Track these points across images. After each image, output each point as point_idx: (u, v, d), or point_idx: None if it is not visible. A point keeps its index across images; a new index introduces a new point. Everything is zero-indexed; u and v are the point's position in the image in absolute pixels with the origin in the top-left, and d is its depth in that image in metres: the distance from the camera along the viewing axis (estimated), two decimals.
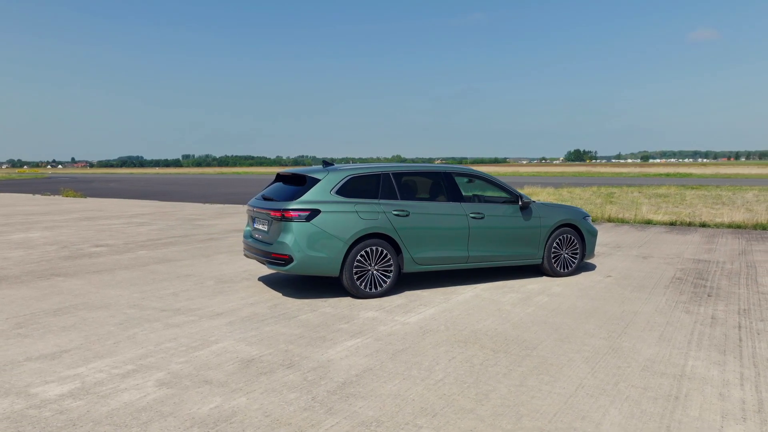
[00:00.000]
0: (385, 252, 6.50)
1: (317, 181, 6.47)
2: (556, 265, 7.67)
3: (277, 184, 7.09)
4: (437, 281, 7.41)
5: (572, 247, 7.81)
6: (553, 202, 8.62)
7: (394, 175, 6.85)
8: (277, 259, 6.27)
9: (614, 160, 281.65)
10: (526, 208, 7.47)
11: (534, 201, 7.68)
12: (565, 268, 7.75)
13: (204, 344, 4.84)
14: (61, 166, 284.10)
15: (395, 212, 6.56)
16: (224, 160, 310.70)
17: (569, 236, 7.76)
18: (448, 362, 4.41)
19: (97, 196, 28.72)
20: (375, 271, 6.47)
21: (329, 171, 6.62)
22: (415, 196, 7.02)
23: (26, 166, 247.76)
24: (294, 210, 6.21)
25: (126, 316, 5.72)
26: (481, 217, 7.07)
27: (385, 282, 6.53)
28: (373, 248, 6.44)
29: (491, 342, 4.90)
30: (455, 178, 7.28)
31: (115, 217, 16.76)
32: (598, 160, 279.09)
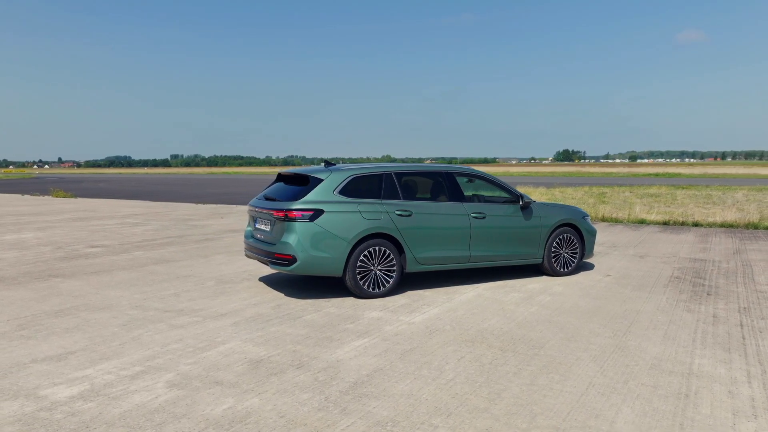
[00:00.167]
0: (388, 252, 6.50)
1: (320, 181, 6.46)
2: (556, 265, 7.72)
3: (279, 184, 7.07)
4: (438, 281, 7.42)
5: (572, 247, 7.85)
6: (553, 202, 8.66)
7: (397, 175, 6.86)
8: (281, 260, 6.25)
9: (603, 160, 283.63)
10: (527, 208, 7.51)
11: (534, 201, 7.72)
12: (564, 268, 7.79)
13: (211, 345, 4.82)
14: (47, 166, 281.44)
15: (398, 212, 6.57)
16: (213, 160, 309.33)
17: (569, 236, 7.81)
18: (458, 362, 4.42)
19: (88, 196, 28.48)
20: (378, 271, 6.47)
21: (332, 171, 6.61)
22: (418, 196, 7.03)
23: (12, 166, 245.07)
24: (297, 210, 6.19)
25: (129, 318, 5.68)
26: (483, 217, 7.10)
27: (388, 282, 6.53)
28: (376, 248, 6.44)
29: (498, 341, 4.92)
30: (456, 178, 7.29)
31: (108, 217, 16.63)
32: (587, 160, 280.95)
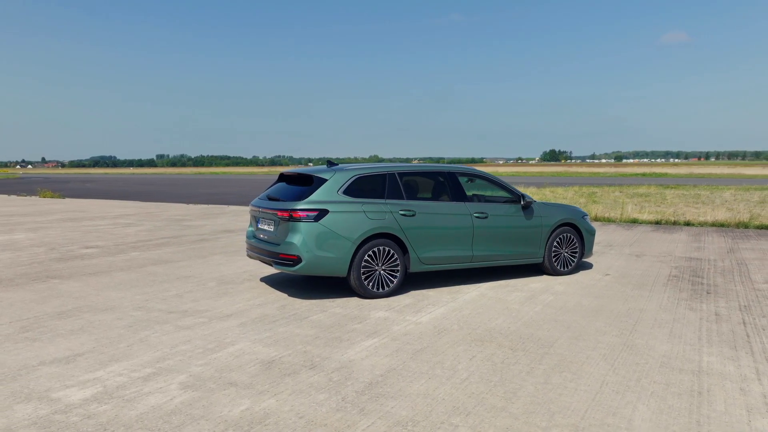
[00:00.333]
0: (392, 252, 6.51)
1: (324, 181, 6.44)
2: (556, 264, 7.76)
3: (281, 184, 7.05)
4: (441, 281, 7.44)
5: (572, 246, 7.91)
6: (553, 202, 8.71)
7: (400, 175, 6.86)
8: (286, 260, 6.23)
9: (589, 160, 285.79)
10: (528, 208, 7.55)
11: (535, 201, 7.76)
12: (565, 267, 7.85)
13: (220, 346, 4.79)
14: (31, 166, 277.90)
15: (402, 212, 6.57)
16: (200, 160, 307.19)
17: (569, 235, 7.86)
18: (470, 361, 4.44)
19: (76, 196, 28.16)
20: (382, 272, 6.47)
21: (336, 171, 6.60)
22: (421, 196, 7.04)
23: None
24: (302, 210, 6.18)
25: (133, 319, 5.63)
26: (485, 217, 7.12)
27: (392, 282, 6.53)
28: (380, 248, 6.44)
29: (507, 340, 4.94)
30: (458, 177, 7.31)
31: (99, 218, 16.47)
32: (573, 160, 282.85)
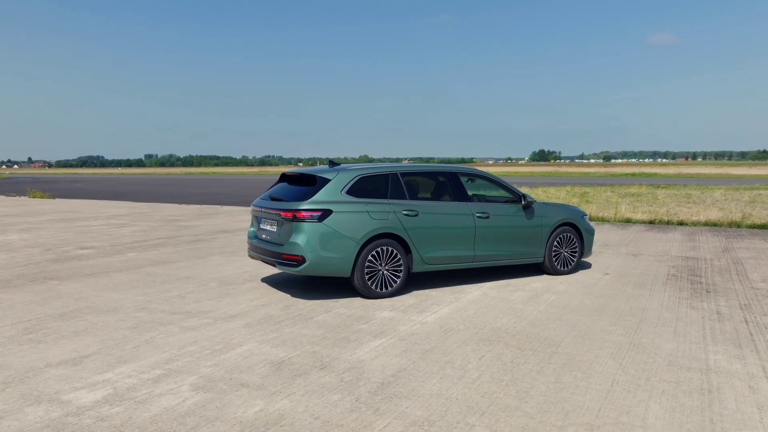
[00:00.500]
0: (395, 252, 6.51)
1: (327, 181, 6.43)
2: (556, 264, 7.80)
3: (283, 184, 7.03)
4: (442, 280, 7.45)
5: (571, 246, 7.95)
6: (553, 202, 8.76)
7: (402, 175, 6.87)
8: (289, 260, 6.21)
9: (578, 160, 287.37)
10: (529, 208, 7.58)
11: (535, 200, 7.80)
12: (565, 267, 7.89)
13: (228, 347, 4.77)
14: (17, 166, 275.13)
15: (405, 212, 6.57)
16: (189, 160, 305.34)
17: (569, 235, 7.90)
18: (479, 361, 4.45)
19: (66, 196, 27.91)
20: (385, 272, 6.47)
21: (339, 171, 6.59)
22: (423, 196, 7.05)
23: None
24: (306, 210, 6.16)
25: (137, 320, 5.59)
26: (487, 217, 7.15)
27: (395, 282, 6.53)
28: (384, 248, 6.44)
29: (515, 340, 4.96)
30: (460, 177, 7.33)
31: (92, 218, 16.33)
32: (563, 160, 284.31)
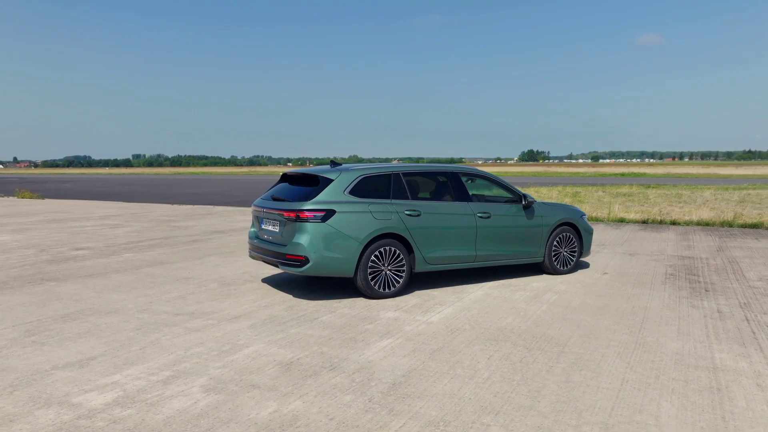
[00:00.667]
0: (398, 252, 6.51)
1: (330, 181, 6.42)
2: (556, 263, 7.84)
3: (284, 184, 7.00)
4: (443, 281, 7.46)
5: (571, 246, 7.99)
6: (553, 202, 8.80)
7: (404, 175, 6.87)
8: (292, 260, 6.19)
9: (566, 160, 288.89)
10: (529, 208, 7.61)
11: (535, 200, 7.82)
12: (564, 266, 7.92)
13: (235, 348, 4.74)
14: (2, 166, 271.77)
15: (407, 212, 6.58)
16: (177, 160, 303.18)
17: (568, 234, 7.94)
18: (488, 360, 4.46)
19: (55, 197, 27.62)
20: (388, 272, 6.47)
21: (341, 171, 6.58)
22: (426, 196, 7.06)
23: None
24: (309, 210, 6.14)
25: (140, 321, 5.54)
26: (488, 217, 7.16)
27: (398, 282, 6.53)
28: (387, 248, 6.43)
29: (521, 340, 4.98)
30: (461, 177, 7.35)
31: (84, 219, 16.18)
32: (551, 160, 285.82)
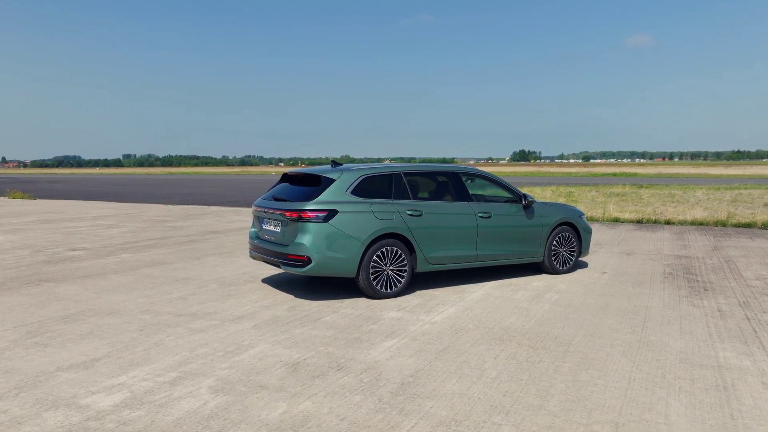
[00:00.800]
0: (399, 252, 6.51)
1: (332, 181, 6.41)
2: (555, 263, 7.87)
3: (285, 185, 6.99)
4: (444, 280, 7.47)
5: (570, 245, 8.02)
6: (552, 201, 8.83)
7: (406, 175, 6.87)
8: (295, 261, 6.18)
9: (557, 160, 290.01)
10: (529, 208, 7.63)
11: (535, 200, 7.85)
12: (563, 266, 7.96)
13: (240, 349, 4.72)
14: None
15: (409, 212, 6.58)
16: (168, 160, 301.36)
17: (567, 234, 7.97)
18: (494, 360, 4.47)
19: (47, 197, 27.41)
20: (390, 272, 6.47)
21: (343, 171, 6.57)
22: (427, 196, 7.07)
23: None
24: (312, 210, 6.13)
25: (143, 322, 5.51)
26: (489, 217, 7.18)
27: (400, 282, 6.53)
28: (389, 248, 6.43)
29: (526, 339, 4.99)
30: (462, 177, 7.36)
31: (78, 219, 16.07)
32: (543, 160, 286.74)
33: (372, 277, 6.34)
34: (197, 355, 4.56)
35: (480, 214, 7.11)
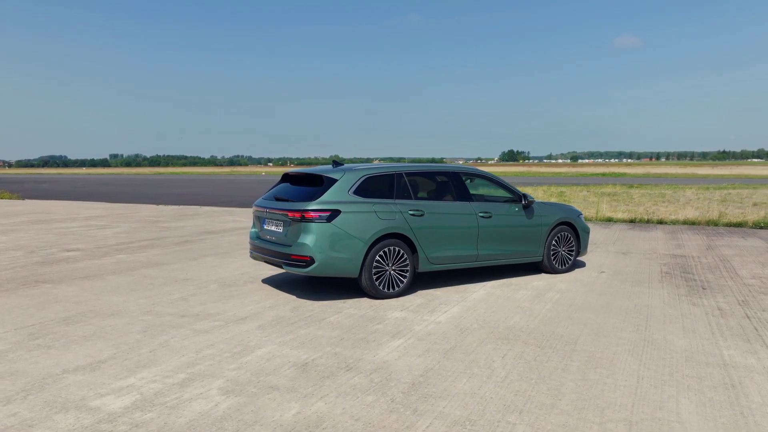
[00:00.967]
0: (401, 252, 6.51)
1: (335, 181, 6.39)
2: (554, 262, 7.91)
3: (286, 185, 6.96)
4: (445, 280, 7.48)
5: (569, 245, 8.07)
6: (551, 201, 8.88)
7: (407, 175, 6.87)
8: (297, 261, 6.16)
9: (546, 160, 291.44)
10: (529, 207, 7.66)
11: (535, 200, 7.88)
12: (562, 265, 8.00)
13: (247, 350, 4.70)
14: None
15: (411, 212, 6.58)
16: (156, 160, 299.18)
17: (567, 234, 8.02)
18: (503, 359, 4.48)
19: (35, 197, 27.12)
20: (392, 272, 6.47)
21: (345, 171, 6.56)
22: (428, 196, 7.08)
23: None
24: (314, 210, 6.12)
25: (146, 324, 5.47)
26: (489, 216, 7.20)
27: (402, 282, 6.54)
28: (391, 248, 6.43)
29: (532, 338, 5.01)
30: (462, 177, 7.37)
31: (69, 219, 15.91)
32: (531, 160, 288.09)
33: (375, 277, 6.33)
34: (204, 356, 4.53)
35: (481, 214, 7.13)
